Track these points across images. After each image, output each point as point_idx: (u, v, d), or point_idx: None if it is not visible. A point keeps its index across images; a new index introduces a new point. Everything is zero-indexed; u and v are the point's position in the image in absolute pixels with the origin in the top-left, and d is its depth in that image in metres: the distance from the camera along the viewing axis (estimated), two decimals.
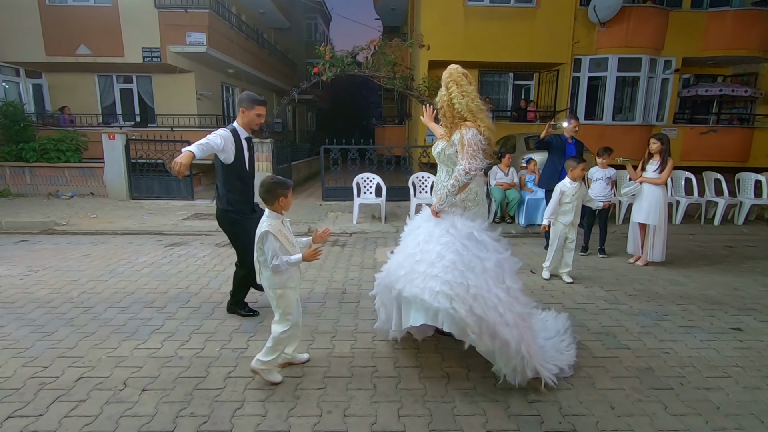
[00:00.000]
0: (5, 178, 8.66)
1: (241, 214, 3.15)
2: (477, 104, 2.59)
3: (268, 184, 2.36)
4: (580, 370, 2.64)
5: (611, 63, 11.66)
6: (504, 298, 2.42)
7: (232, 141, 3.08)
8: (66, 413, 2.20)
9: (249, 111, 3.14)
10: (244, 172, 3.18)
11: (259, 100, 3.19)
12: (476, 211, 2.72)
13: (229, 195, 3.14)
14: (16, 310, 3.41)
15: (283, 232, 2.37)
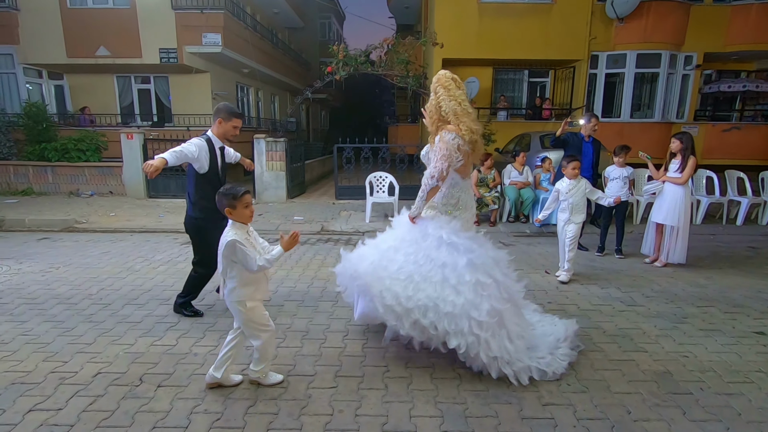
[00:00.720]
0: (28, 177, 8.91)
1: (211, 222, 3.14)
2: (463, 107, 2.60)
3: (217, 196, 2.26)
4: (595, 373, 2.60)
5: (629, 59, 11.42)
6: (465, 303, 2.44)
7: (206, 150, 3.13)
8: (84, 408, 2.25)
9: (226, 122, 3.18)
10: (216, 179, 3.21)
11: (237, 113, 3.25)
12: (464, 216, 2.69)
13: (201, 202, 3.17)
14: (38, 306, 3.51)
15: (250, 240, 2.27)
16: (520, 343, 2.57)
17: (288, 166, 8.70)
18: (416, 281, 2.53)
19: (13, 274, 4.27)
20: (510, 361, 2.47)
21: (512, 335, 2.55)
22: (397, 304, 2.50)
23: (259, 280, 2.32)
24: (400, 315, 2.51)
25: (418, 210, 2.70)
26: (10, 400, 2.30)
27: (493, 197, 6.86)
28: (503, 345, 2.49)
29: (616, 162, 5.11)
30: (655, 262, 4.81)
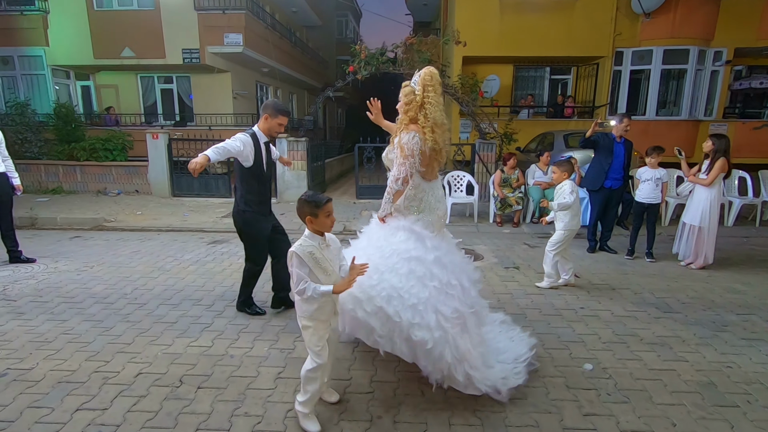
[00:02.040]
0: (59, 176, 9.16)
1: (257, 215, 3.26)
2: (441, 116, 2.56)
3: (298, 202, 2.10)
4: (636, 383, 2.54)
5: (656, 55, 11.12)
6: (430, 298, 2.34)
7: (251, 145, 3.18)
8: (129, 408, 2.31)
9: (272, 119, 3.23)
10: (262, 174, 3.28)
11: (284, 110, 3.29)
12: (428, 219, 2.62)
13: (247, 196, 3.25)
14: (77, 305, 3.60)
15: (315, 256, 2.02)
16: (477, 353, 2.47)
17: (309, 165, 8.75)
18: (381, 271, 2.40)
19: (50, 273, 4.40)
20: (475, 366, 2.36)
21: (475, 343, 2.45)
22: (359, 291, 2.33)
23: (324, 300, 2.06)
24: (361, 300, 2.35)
25: (385, 211, 2.65)
26: (58, 399, 2.37)
27: (516, 198, 6.78)
28: (468, 348, 2.38)
29: (648, 163, 4.99)
30: (690, 265, 4.74)
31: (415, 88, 2.59)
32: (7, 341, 2.99)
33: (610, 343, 3.01)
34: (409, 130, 2.53)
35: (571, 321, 3.36)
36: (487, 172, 8.28)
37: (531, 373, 2.58)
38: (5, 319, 3.33)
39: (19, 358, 2.77)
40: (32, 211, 7.00)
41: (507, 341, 2.81)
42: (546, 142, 9.09)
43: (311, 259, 2.01)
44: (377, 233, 2.68)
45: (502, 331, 2.91)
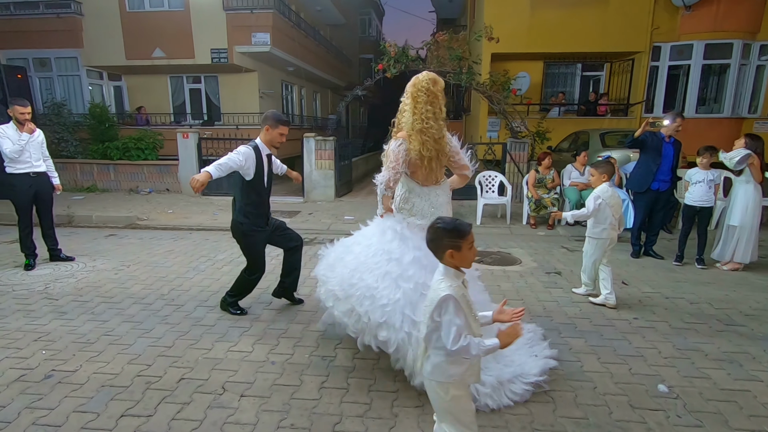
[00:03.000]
0: (93, 175, 9.37)
1: (255, 227, 3.29)
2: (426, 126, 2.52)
3: (434, 231, 1.66)
4: (707, 404, 2.35)
5: (696, 50, 10.61)
6: (401, 299, 2.35)
7: (253, 158, 3.17)
8: (173, 415, 2.25)
9: (273, 129, 3.22)
10: (261, 187, 3.28)
11: (284, 120, 3.26)
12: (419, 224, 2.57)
13: (246, 208, 3.25)
14: (116, 305, 3.61)
15: (466, 298, 1.63)
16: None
17: (336, 164, 8.69)
18: (361, 271, 2.49)
19: (89, 272, 4.45)
20: None
21: None
22: (339, 289, 2.52)
23: (474, 359, 1.63)
24: (339, 299, 2.52)
25: (380, 212, 2.73)
26: (103, 404, 2.34)
27: (551, 199, 6.54)
28: None
29: (700, 164, 4.71)
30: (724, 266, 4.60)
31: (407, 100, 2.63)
32: (51, 341, 3.00)
33: (673, 359, 2.80)
34: (397, 138, 2.60)
35: (626, 332, 3.16)
36: (519, 172, 8.05)
37: (590, 390, 2.43)
38: (48, 318, 3.36)
39: (63, 360, 2.77)
40: (69, 209, 7.16)
41: (525, 356, 2.61)
42: (580, 141, 8.78)
43: (464, 303, 1.59)
44: (371, 230, 2.76)
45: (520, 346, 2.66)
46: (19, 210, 4.42)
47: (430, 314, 1.59)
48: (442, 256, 1.64)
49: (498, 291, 3.99)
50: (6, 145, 4.20)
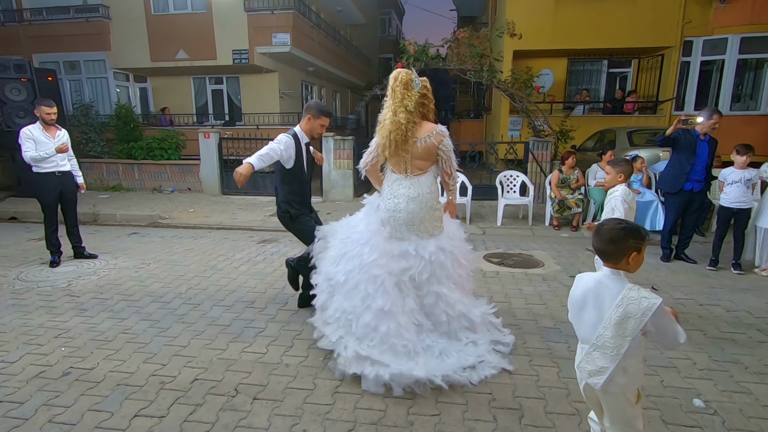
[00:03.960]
0: (118, 174, 9.60)
1: (300, 211, 3.31)
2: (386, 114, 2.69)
3: (615, 232, 1.58)
4: (749, 422, 2.17)
5: (731, 44, 10.12)
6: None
7: (293, 146, 3.18)
8: (186, 417, 2.23)
9: (315, 119, 3.23)
10: (302, 175, 3.29)
11: (327, 112, 3.28)
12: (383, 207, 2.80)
13: (289, 197, 3.27)
14: (135, 303, 3.64)
15: None
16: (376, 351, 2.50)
17: (355, 164, 8.61)
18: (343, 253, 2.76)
19: (110, 269, 4.51)
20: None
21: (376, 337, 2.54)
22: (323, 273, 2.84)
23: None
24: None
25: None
26: (117, 403, 2.33)
27: (576, 199, 6.32)
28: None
29: (737, 163, 4.44)
30: (763, 272, 4.33)
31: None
32: (70, 338, 3.04)
33: (709, 371, 2.62)
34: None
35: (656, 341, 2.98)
36: (542, 171, 7.83)
37: None
38: (69, 315, 3.41)
39: (81, 357, 2.79)
40: (95, 207, 7.34)
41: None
42: (606, 140, 8.49)
43: None
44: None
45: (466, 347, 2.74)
46: (44, 208, 4.52)
47: (628, 325, 1.51)
48: (621, 258, 1.57)
49: (520, 295, 3.85)
50: (28, 149, 4.30)
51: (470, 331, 2.80)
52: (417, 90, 2.65)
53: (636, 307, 1.50)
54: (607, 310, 1.56)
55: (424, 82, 2.71)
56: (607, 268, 1.61)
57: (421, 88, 2.68)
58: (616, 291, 1.55)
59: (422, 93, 2.68)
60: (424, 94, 2.70)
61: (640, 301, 1.50)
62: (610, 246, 1.58)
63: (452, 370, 2.49)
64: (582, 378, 1.68)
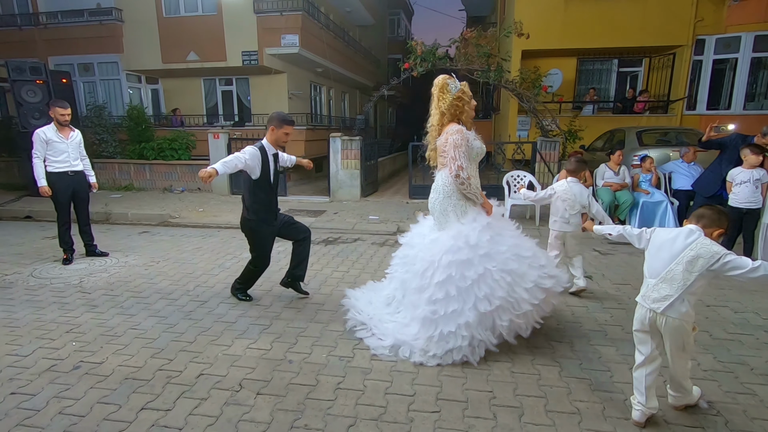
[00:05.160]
0: (130, 174, 9.77)
1: (264, 223, 3.45)
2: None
3: (725, 212, 2.11)
4: (752, 423, 2.15)
5: (745, 42, 9.97)
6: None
7: (259, 158, 3.31)
8: (191, 410, 2.28)
9: (278, 129, 3.36)
10: (268, 185, 3.42)
11: (289, 120, 3.40)
12: None
13: (254, 206, 3.40)
14: (144, 300, 3.71)
15: None
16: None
17: (362, 164, 8.68)
18: None
19: (121, 267, 4.61)
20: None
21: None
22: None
23: None
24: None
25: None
26: (125, 396, 2.39)
27: None
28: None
29: (746, 162, 4.38)
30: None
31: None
32: (81, 333, 3.12)
33: (714, 372, 2.60)
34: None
35: None
36: (549, 172, 7.79)
37: (619, 402, 2.29)
38: (81, 311, 3.49)
39: (91, 351, 2.86)
40: (107, 207, 7.48)
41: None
42: (615, 139, 8.41)
43: None
44: None
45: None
46: (57, 207, 4.63)
47: (699, 267, 1.97)
48: (714, 228, 2.05)
49: None
50: (38, 153, 4.43)
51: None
52: (453, 93, 2.88)
53: (707, 251, 1.96)
54: (680, 252, 2.02)
55: (463, 86, 2.92)
56: (694, 225, 2.07)
57: (458, 91, 2.89)
58: (692, 240, 2.02)
59: (458, 96, 2.88)
60: (460, 97, 2.89)
61: (711, 247, 1.97)
62: (715, 216, 2.05)
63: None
64: (644, 306, 2.12)
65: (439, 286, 2.70)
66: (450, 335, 2.67)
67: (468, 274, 2.68)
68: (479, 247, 2.74)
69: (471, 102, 2.95)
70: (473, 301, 2.65)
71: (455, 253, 2.73)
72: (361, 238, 5.90)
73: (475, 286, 2.67)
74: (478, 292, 2.66)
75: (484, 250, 2.74)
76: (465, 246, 2.74)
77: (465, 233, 2.80)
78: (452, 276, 2.68)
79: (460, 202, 2.91)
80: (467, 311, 2.65)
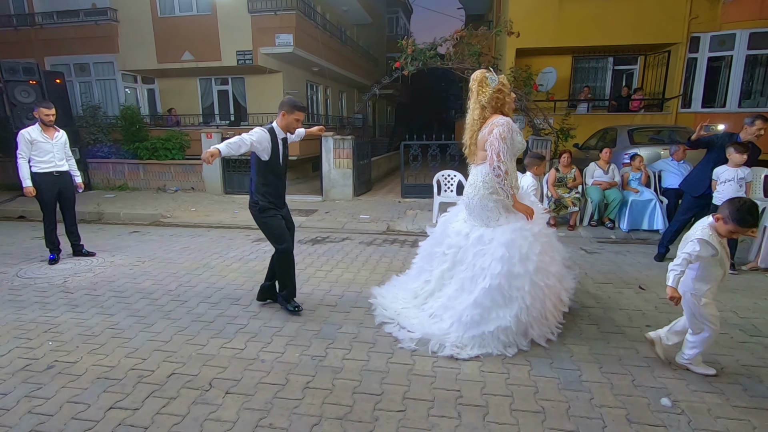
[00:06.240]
0: (124, 174, 9.80)
1: (271, 206, 3.38)
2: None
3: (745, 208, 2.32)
4: (716, 422, 2.15)
5: (740, 39, 9.92)
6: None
7: (268, 140, 3.26)
8: (158, 410, 2.29)
9: (289, 115, 3.32)
10: (278, 168, 3.39)
11: (300, 107, 3.35)
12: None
13: (262, 188, 3.36)
14: (125, 300, 3.73)
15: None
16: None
17: (355, 163, 8.69)
18: None
19: (106, 267, 4.63)
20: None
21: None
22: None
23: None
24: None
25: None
26: (95, 395, 2.41)
27: (573, 198, 6.27)
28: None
29: (731, 161, 4.36)
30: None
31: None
32: (59, 333, 3.14)
33: (683, 371, 2.60)
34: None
35: (636, 341, 2.96)
36: None
37: (585, 402, 2.29)
38: (61, 311, 3.52)
39: (67, 351, 2.88)
40: (99, 207, 7.51)
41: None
42: (608, 138, 8.39)
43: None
44: None
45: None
46: (43, 207, 4.66)
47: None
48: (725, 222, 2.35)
49: None
50: (23, 153, 4.47)
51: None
52: (493, 86, 2.88)
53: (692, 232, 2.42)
54: None
55: (501, 79, 2.92)
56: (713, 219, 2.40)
57: (498, 84, 2.89)
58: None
59: (498, 88, 2.89)
60: (500, 89, 2.90)
61: (695, 231, 2.40)
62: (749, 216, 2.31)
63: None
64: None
65: (486, 293, 2.76)
66: (488, 335, 2.78)
67: (516, 284, 2.75)
68: (530, 261, 2.76)
69: (511, 94, 2.97)
70: (516, 310, 2.73)
71: (507, 263, 2.75)
72: (350, 238, 5.91)
73: (520, 298, 2.73)
74: (522, 303, 2.73)
75: (533, 264, 2.76)
76: (517, 256, 2.76)
77: (518, 243, 2.79)
78: (501, 285, 2.74)
79: (502, 198, 2.93)
80: (509, 318, 2.73)
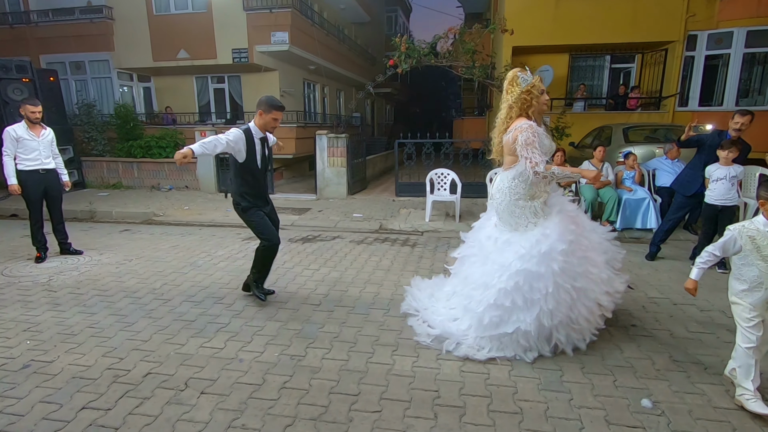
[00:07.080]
0: (119, 172, 9.78)
1: (253, 205, 3.38)
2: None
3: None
4: (695, 424, 2.11)
5: (737, 37, 9.85)
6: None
7: (243, 140, 3.23)
8: (131, 410, 2.26)
9: (266, 114, 3.29)
10: (256, 169, 3.35)
11: (277, 106, 3.31)
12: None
13: (242, 189, 3.35)
14: (108, 299, 3.70)
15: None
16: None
17: (349, 162, 8.65)
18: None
19: (93, 265, 4.60)
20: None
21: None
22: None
23: None
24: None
25: None
26: (68, 395, 2.38)
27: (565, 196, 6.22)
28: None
29: (723, 159, 4.32)
30: None
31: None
32: (38, 332, 3.10)
33: (666, 371, 2.56)
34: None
35: (620, 341, 2.93)
36: None
37: (565, 402, 2.26)
38: (42, 309, 3.48)
39: (44, 350, 2.85)
40: (92, 205, 7.47)
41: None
42: (603, 136, 8.35)
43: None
44: None
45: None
46: (29, 205, 4.63)
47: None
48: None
49: None
50: (8, 151, 4.43)
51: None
52: (523, 87, 2.76)
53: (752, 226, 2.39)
54: None
55: (534, 80, 2.78)
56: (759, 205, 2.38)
57: (528, 85, 2.76)
58: None
59: (527, 89, 2.76)
60: (529, 90, 2.76)
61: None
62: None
63: None
64: None
65: (505, 293, 2.64)
66: (506, 337, 2.69)
67: (537, 285, 2.61)
68: (553, 260, 2.61)
69: (542, 96, 2.79)
70: (537, 312, 2.60)
71: (526, 262, 2.65)
72: (341, 236, 5.87)
73: (542, 300, 2.60)
74: (545, 305, 2.60)
75: (558, 264, 2.61)
76: (537, 256, 2.63)
77: (540, 243, 2.69)
78: (519, 284, 2.62)
79: (529, 203, 2.79)
80: (530, 321, 2.61)
